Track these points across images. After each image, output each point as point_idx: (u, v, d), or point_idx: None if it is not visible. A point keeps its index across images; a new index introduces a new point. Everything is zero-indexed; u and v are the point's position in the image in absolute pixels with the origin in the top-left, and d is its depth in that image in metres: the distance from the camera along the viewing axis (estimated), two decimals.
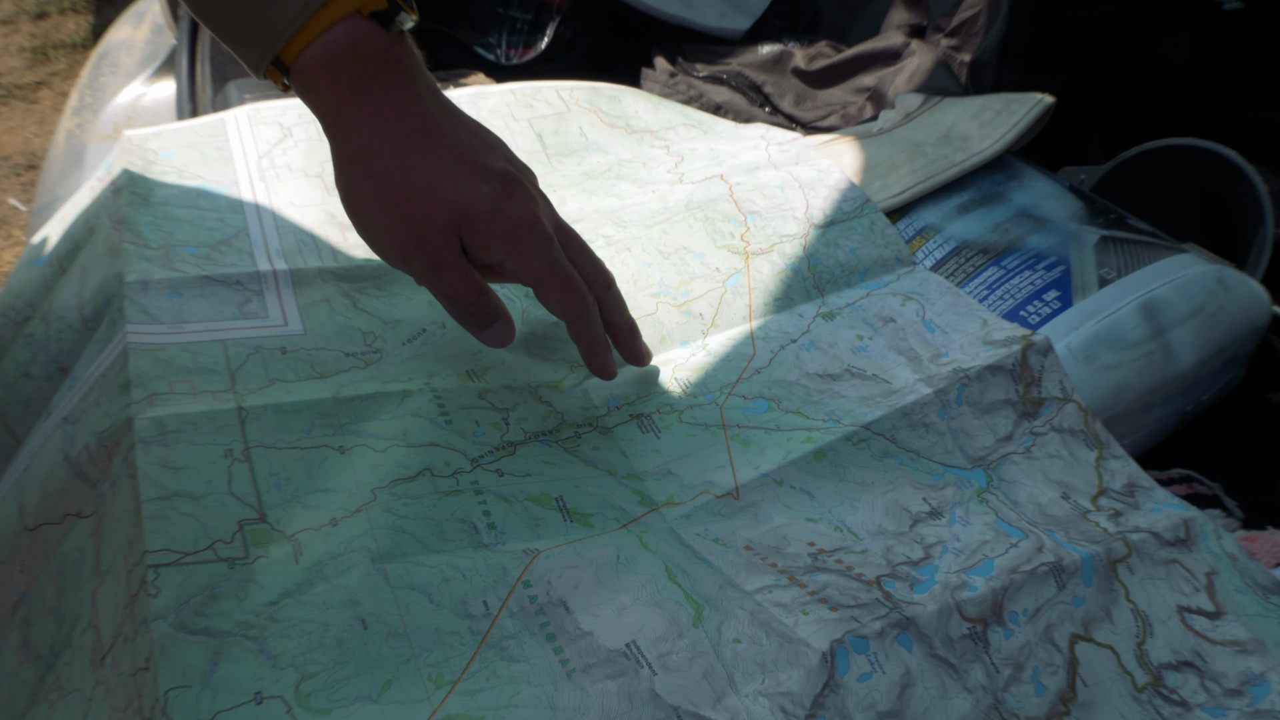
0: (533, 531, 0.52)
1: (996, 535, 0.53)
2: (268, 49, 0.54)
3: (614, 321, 0.62)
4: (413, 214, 0.55)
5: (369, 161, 0.54)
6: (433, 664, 0.46)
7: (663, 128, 0.85)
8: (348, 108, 0.54)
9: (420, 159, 0.55)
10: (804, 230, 0.71)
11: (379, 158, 0.54)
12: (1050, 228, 0.68)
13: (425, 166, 0.55)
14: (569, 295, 0.58)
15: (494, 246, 0.56)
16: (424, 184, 0.54)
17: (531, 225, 0.57)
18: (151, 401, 0.55)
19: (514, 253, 0.57)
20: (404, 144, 0.54)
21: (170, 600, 0.46)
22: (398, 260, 0.57)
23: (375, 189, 0.55)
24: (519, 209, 0.56)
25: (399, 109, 0.55)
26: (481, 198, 0.55)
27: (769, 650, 0.47)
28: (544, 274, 0.58)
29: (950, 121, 0.76)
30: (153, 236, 0.67)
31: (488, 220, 0.55)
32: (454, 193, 0.55)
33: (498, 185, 0.56)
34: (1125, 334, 0.61)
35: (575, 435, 0.59)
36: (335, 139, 0.56)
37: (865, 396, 0.60)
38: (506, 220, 0.56)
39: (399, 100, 0.55)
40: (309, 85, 0.55)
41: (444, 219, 0.55)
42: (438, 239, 0.55)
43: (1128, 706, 0.47)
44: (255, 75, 0.56)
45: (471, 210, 0.55)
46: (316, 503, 0.52)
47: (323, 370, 0.60)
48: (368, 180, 0.55)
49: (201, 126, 0.79)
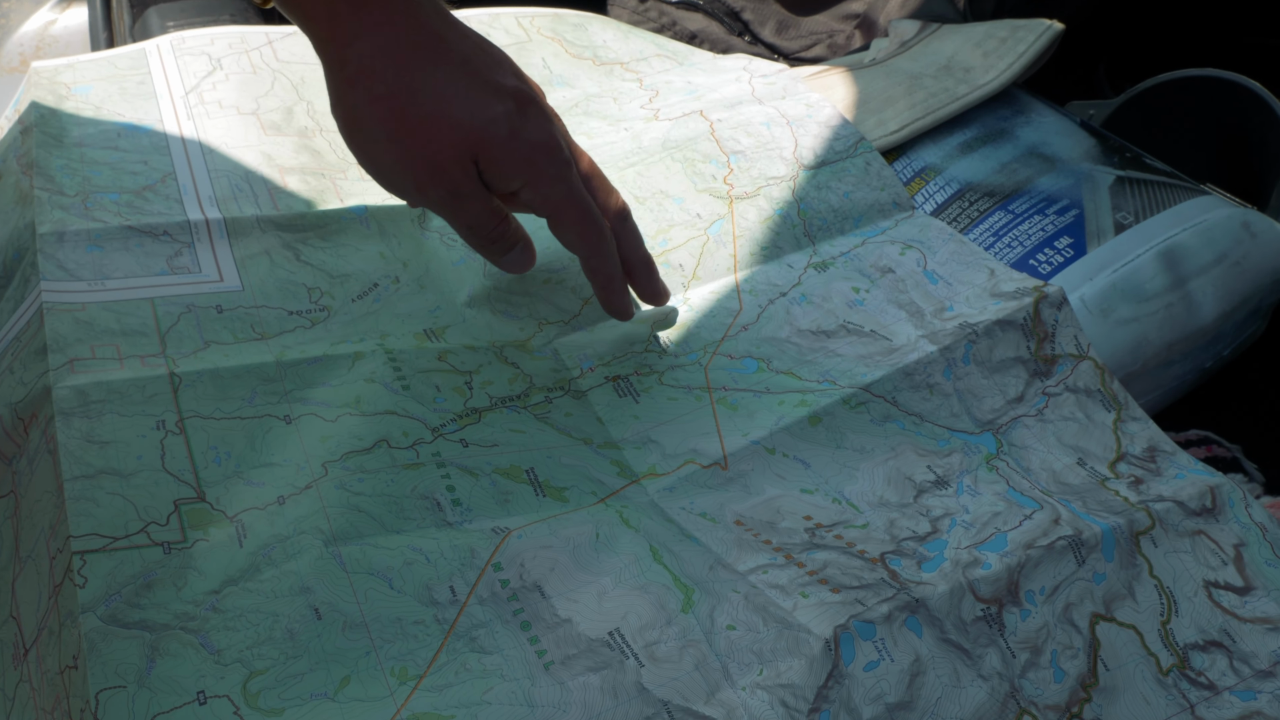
0: (502, 508, 0.51)
1: (1009, 506, 0.52)
2: None
3: (630, 256, 0.61)
4: (425, 141, 0.54)
5: (370, 82, 0.53)
6: (395, 657, 0.45)
7: (634, 59, 0.84)
8: (342, 22, 0.53)
9: (427, 78, 0.53)
10: (793, 172, 0.69)
11: (381, 78, 0.53)
12: (1061, 168, 0.67)
13: (433, 86, 0.53)
14: (587, 227, 0.58)
15: (511, 173, 0.56)
16: (434, 106, 0.53)
17: (550, 150, 0.56)
18: (71, 368, 0.54)
19: (532, 179, 0.56)
20: (408, 60, 0.53)
21: (99, 590, 0.45)
22: (410, 192, 0.56)
23: (380, 114, 0.53)
24: (537, 132, 0.56)
25: (399, 21, 0.53)
26: (497, 120, 0.54)
27: (766, 638, 0.46)
28: (562, 204, 0.57)
29: (951, 51, 0.75)
30: (68, 182, 0.65)
31: (504, 144, 0.55)
32: (467, 115, 0.54)
33: (512, 105, 0.55)
34: (1144, 284, 0.60)
35: (546, 400, 0.58)
36: (330, 58, 0.54)
37: (863, 355, 0.59)
38: (524, 144, 0.55)
39: (398, 11, 0.53)
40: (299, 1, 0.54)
41: (459, 144, 0.54)
42: (454, 168, 0.54)
43: (1152, 691, 0.47)
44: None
45: (488, 133, 0.54)
46: (261, 479, 0.51)
47: (264, 331, 0.59)
48: (371, 104, 0.53)
49: (119, 58, 0.76)
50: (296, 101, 0.75)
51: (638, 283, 0.62)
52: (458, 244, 0.67)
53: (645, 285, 0.62)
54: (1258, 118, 0.73)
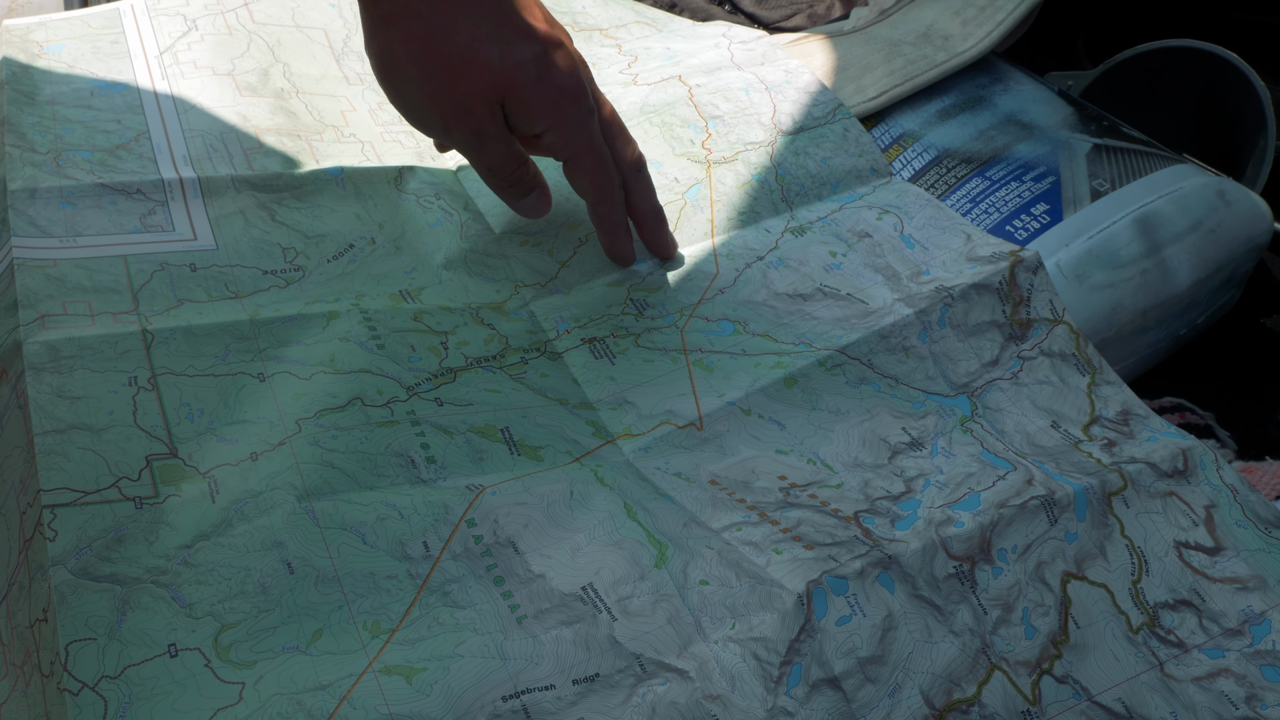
0: (476, 466, 0.51)
1: (982, 467, 0.52)
2: None
3: (641, 206, 0.63)
4: (455, 81, 0.55)
5: (406, 23, 0.54)
6: (368, 611, 0.45)
7: (613, 25, 0.83)
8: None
9: (461, 20, 0.54)
10: (771, 137, 0.69)
11: (416, 18, 0.54)
12: (1039, 135, 0.67)
13: (466, 28, 0.55)
14: (600, 175, 0.59)
15: (537, 117, 0.57)
16: (466, 48, 0.55)
17: (576, 95, 0.57)
18: (43, 324, 0.53)
19: (556, 123, 0.57)
20: (442, 2, 0.54)
21: (69, 544, 0.45)
22: (438, 129, 0.58)
23: (413, 53, 0.55)
24: (564, 77, 0.57)
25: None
26: (526, 64, 0.55)
27: (739, 593, 0.46)
28: (582, 149, 0.59)
29: (930, 19, 0.75)
30: (39, 139, 0.64)
31: (532, 88, 0.56)
32: (497, 58, 0.55)
33: (540, 48, 0.56)
34: (1119, 250, 0.60)
35: (521, 361, 0.58)
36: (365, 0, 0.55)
37: (839, 318, 0.59)
38: (552, 88, 0.56)
39: None
40: None
41: (487, 86, 0.55)
42: (481, 109, 0.56)
43: (1122, 648, 0.47)
44: None
45: (516, 77, 0.55)
46: (234, 435, 0.51)
47: (238, 289, 0.58)
48: (404, 44, 0.55)
49: (93, 17, 0.75)
50: (273, 63, 0.74)
51: (646, 233, 0.63)
52: (434, 205, 0.66)
53: (654, 236, 0.63)
54: (1235, 89, 0.73)
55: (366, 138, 0.71)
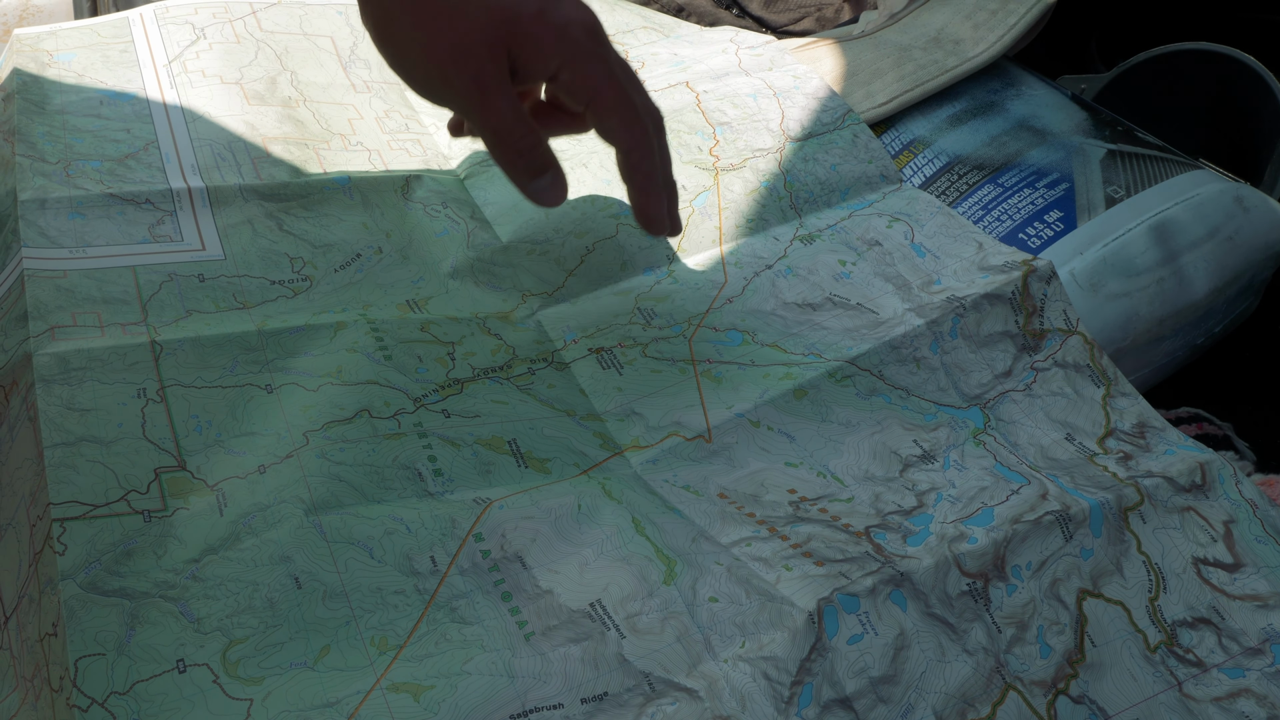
0: (483, 479, 0.51)
1: (996, 481, 0.52)
2: None
3: None
4: (451, 25, 0.51)
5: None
6: (375, 627, 0.44)
7: (620, 31, 0.83)
8: None
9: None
10: (779, 144, 0.69)
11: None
12: (1052, 141, 0.66)
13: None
14: (629, 114, 0.54)
15: (547, 51, 0.52)
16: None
17: (588, 25, 0.53)
18: (53, 335, 0.53)
19: (571, 56, 0.52)
20: None
21: (79, 558, 0.45)
22: (436, 84, 0.53)
23: (406, 6, 0.52)
24: (570, 8, 0.53)
25: None
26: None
27: (749, 610, 0.45)
28: (603, 85, 0.53)
29: (940, 23, 0.74)
30: (49, 149, 0.64)
31: (536, 20, 0.52)
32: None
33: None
34: (1134, 259, 0.60)
35: (529, 372, 0.58)
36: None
37: (849, 328, 0.59)
38: (558, 18, 0.52)
39: None
40: None
41: (486, 27, 0.51)
42: (480, 51, 0.51)
43: (1140, 668, 0.47)
44: None
45: (516, 11, 0.52)
46: (242, 448, 0.50)
47: (246, 300, 0.58)
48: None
49: (103, 26, 0.75)
50: (280, 71, 0.74)
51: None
52: (441, 214, 0.66)
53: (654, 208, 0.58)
54: (1251, 91, 0.72)
55: (373, 145, 0.70)
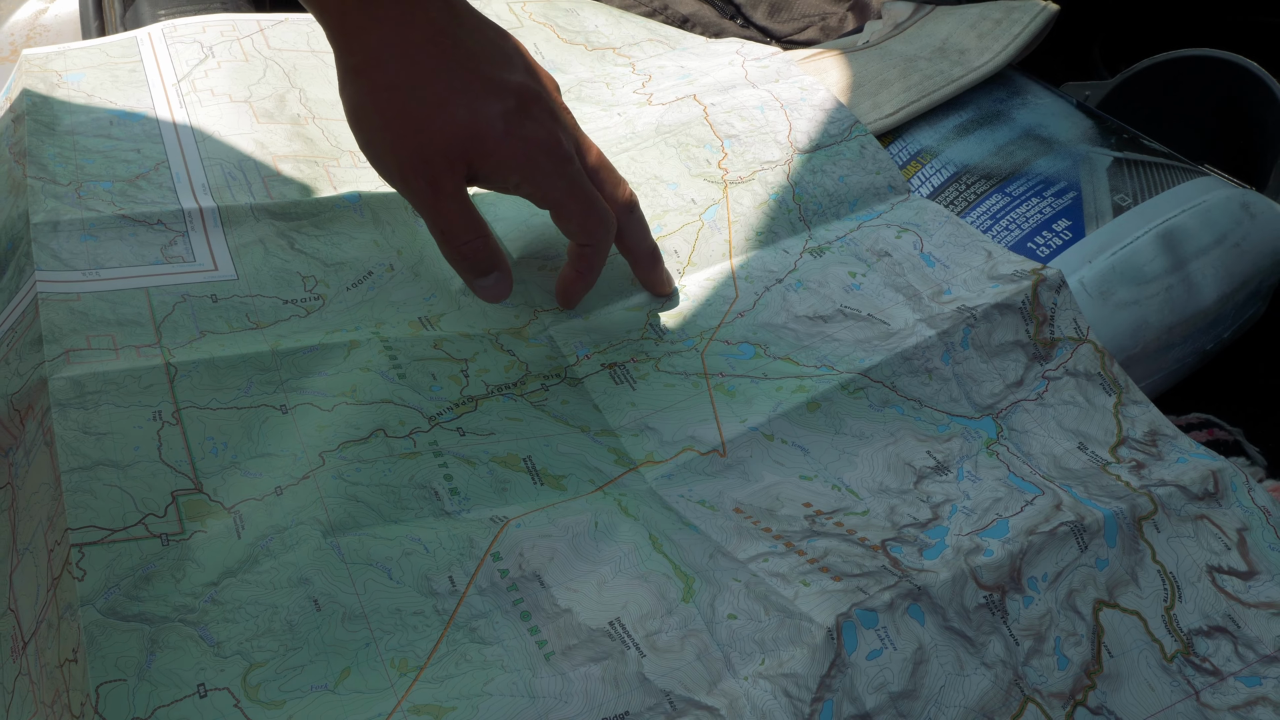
0: (500, 497, 0.51)
1: (1010, 492, 0.52)
2: None
3: (636, 246, 0.62)
4: (418, 132, 0.54)
5: (374, 73, 0.54)
6: (395, 648, 0.44)
7: (626, 43, 0.83)
8: (352, 14, 0.54)
9: (430, 73, 0.54)
10: (787, 156, 0.69)
11: (384, 69, 0.54)
12: (1059, 150, 0.66)
13: (435, 81, 0.54)
14: (589, 218, 0.58)
15: (507, 170, 0.56)
16: (433, 100, 0.54)
17: (549, 146, 0.56)
18: (67, 359, 0.53)
19: (528, 175, 0.56)
20: (413, 55, 0.54)
21: (98, 583, 0.45)
22: (396, 179, 0.56)
23: (380, 104, 0.54)
24: (535, 128, 0.56)
25: (407, 17, 0.54)
26: (493, 118, 0.55)
27: (768, 627, 0.45)
28: (562, 197, 0.57)
29: (945, 33, 0.74)
30: (61, 170, 0.64)
31: (500, 141, 0.55)
32: (464, 111, 0.54)
33: (512, 102, 0.56)
34: (1143, 266, 0.60)
35: (542, 388, 0.57)
36: (339, 48, 0.55)
37: (861, 340, 0.59)
38: (521, 141, 0.56)
39: (407, 6, 0.54)
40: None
41: (451, 139, 0.55)
42: (439, 161, 0.55)
43: (1157, 677, 0.46)
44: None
45: (482, 130, 0.55)
46: (258, 469, 0.50)
47: (259, 320, 0.58)
48: (373, 94, 0.55)
49: (111, 46, 0.75)
50: (289, 89, 0.74)
51: (642, 271, 0.62)
52: None
53: (648, 275, 0.62)
54: (1255, 97, 0.72)
55: None
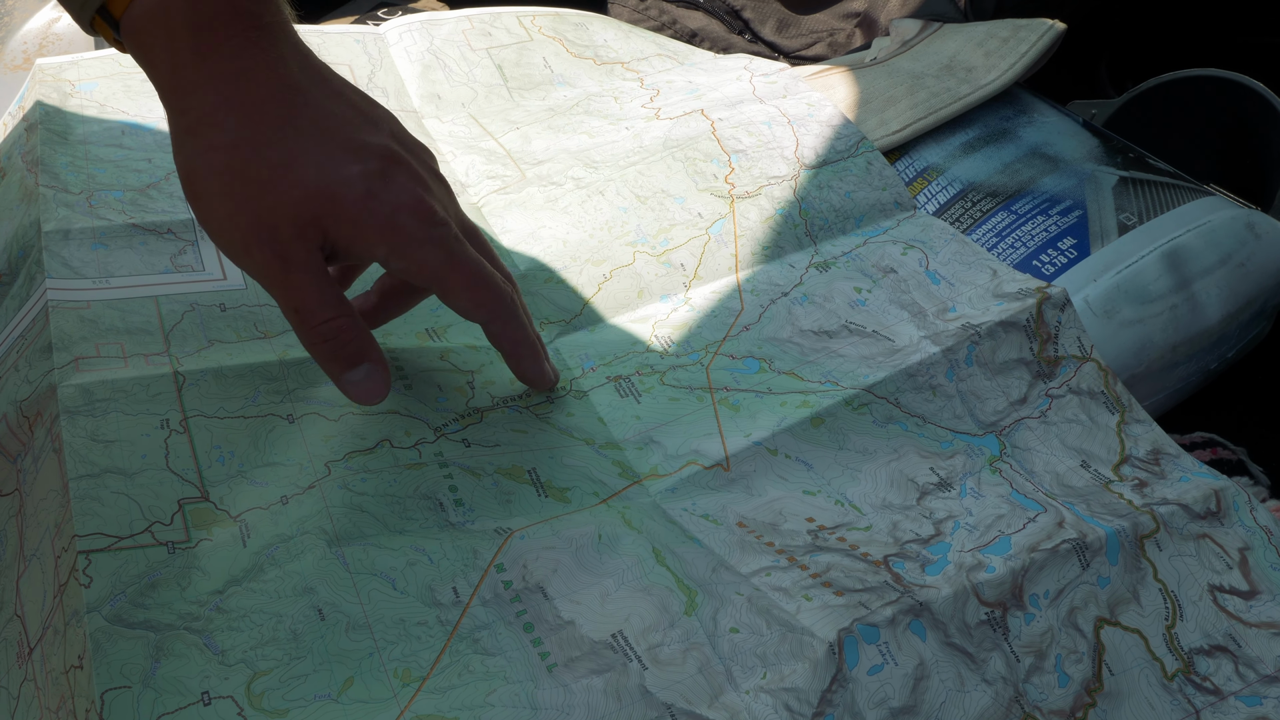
0: (504, 508, 0.51)
1: (1012, 509, 0.52)
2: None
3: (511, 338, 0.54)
4: (259, 197, 0.47)
5: (209, 133, 0.47)
6: (399, 658, 0.44)
7: (635, 58, 0.83)
8: (185, 69, 0.47)
9: (274, 132, 0.47)
10: (794, 171, 0.69)
11: (221, 129, 0.47)
12: (1064, 168, 0.66)
13: (280, 141, 0.47)
14: (479, 289, 0.51)
15: (369, 238, 0.48)
16: (278, 161, 0.47)
17: (417, 210, 0.49)
18: (77, 366, 0.53)
19: (396, 245, 0.49)
20: (254, 113, 0.47)
21: (104, 590, 0.45)
22: (239, 252, 0.48)
23: (216, 165, 0.47)
24: (400, 192, 0.48)
25: (250, 73, 0.47)
26: (351, 179, 0.47)
27: (770, 641, 0.45)
28: (441, 268, 0.50)
29: (952, 50, 0.74)
30: (72, 179, 0.64)
31: (358, 205, 0.47)
32: (314, 172, 0.47)
33: (374, 164, 0.48)
34: (1148, 285, 0.60)
35: (547, 400, 0.58)
36: (171, 108, 0.48)
37: (865, 356, 0.59)
38: (383, 205, 0.48)
39: (251, 62, 0.47)
40: (141, 42, 0.48)
41: (298, 204, 0.47)
42: (286, 228, 0.47)
43: (1158, 696, 0.46)
44: (84, 29, 0.50)
45: (337, 193, 0.47)
46: (264, 478, 0.50)
47: (267, 329, 0.58)
48: (207, 154, 0.47)
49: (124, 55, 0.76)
50: None
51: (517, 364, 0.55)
52: None
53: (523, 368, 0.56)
54: (1261, 117, 0.72)
55: None
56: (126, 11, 0.47)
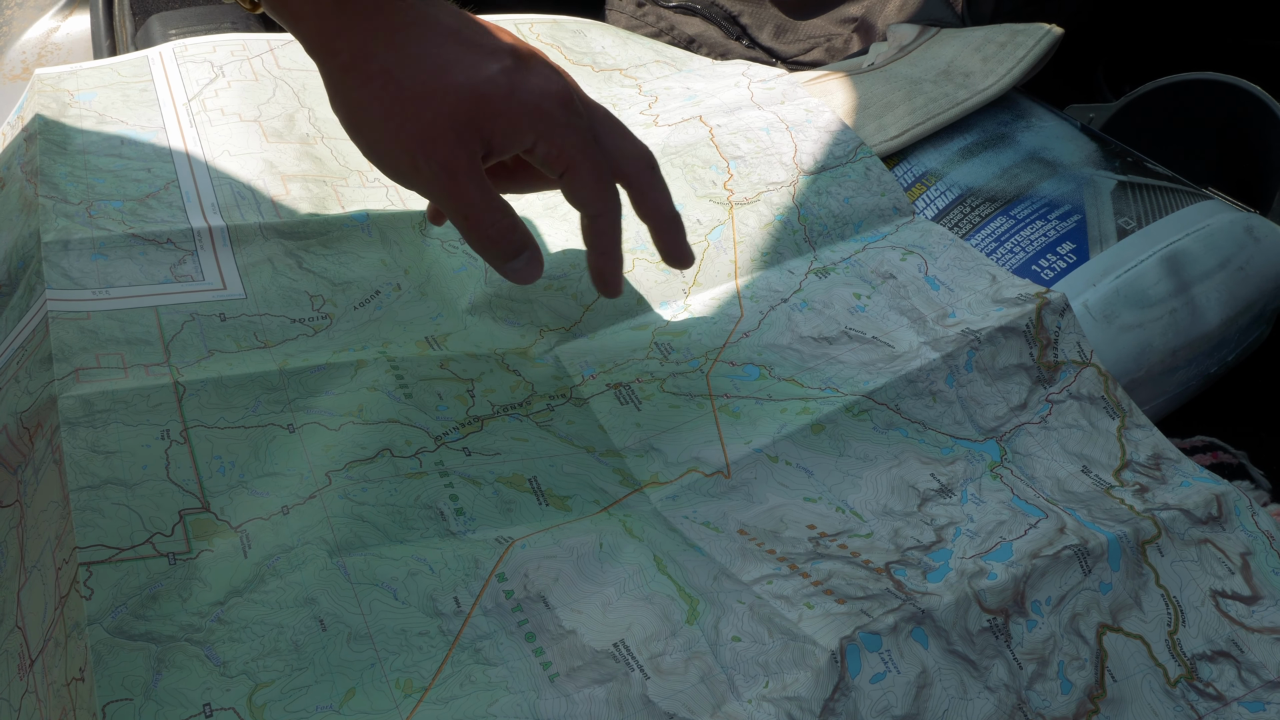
0: (505, 517, 0.51)
1: (1014, 515, 0.52)
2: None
3: (658, 208, 0.56)
4: (419, 110, 0.51)
5: (362, 64, 0.51)
6: (400, 669, 0.44)
7: (632, 65, 0.83)
8: (329, 18, 0.51)
9: (418, 49, 0.51)
10: (792, 177, 0.69)
11: (373, 58, 0.51)
12: (1063, 173, 0.66)
13: (426, 56, 0.51)
14: (601, 183, 0.54)
15: (520, 126, 0.52)
16: (427, 76, 0.51)
17: (560, 96, 0.53)
18: (77, 377, 0.53)
19: (545, 130, 0.52)
20: (397, 40, 0.51)
21: (105, 602, 0.45)
22: (407, 170, 0.52)
23: (374, 93, 0.51)
24: (541, 80, 0.52)
25: (385, 7, 0.51)
26: (495, 76, 0.51)
27: (772, 649, 0.45)
28: (578, 155, 0.53)
29: (950, 55, 0.74)
30: (72, 189, 0.64)
31: (506, 99, 0.51)
32: (463, 78, 0.51)
33: (510, 61, 0.52)
34: (1147, 290, 0.60)
35: (548, 408, 0.58)
36: (321, 53, 0.52)
37: (865, 362, 0.59)
38: (530, 94, 0.52)
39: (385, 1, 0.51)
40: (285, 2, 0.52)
41: (455, 110, 0.51)
42: (449, 135, 0.51)
43: (1161, 702, 0.46)
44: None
45: (486, 90, 0.51)
46: (265, 489, 0.50)
47: (267, 339, 0.58)
48: (364, 85, 0.51)
49: (123, 65, 0.76)
50: (298, 108, 0.74)
51: (662, 239, 0.57)
52: (459, 250, 0.66)
53: (669, 243, 0.57)
54: (1258, 120, 0.72)
55: (391, 182, 0.71)
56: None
